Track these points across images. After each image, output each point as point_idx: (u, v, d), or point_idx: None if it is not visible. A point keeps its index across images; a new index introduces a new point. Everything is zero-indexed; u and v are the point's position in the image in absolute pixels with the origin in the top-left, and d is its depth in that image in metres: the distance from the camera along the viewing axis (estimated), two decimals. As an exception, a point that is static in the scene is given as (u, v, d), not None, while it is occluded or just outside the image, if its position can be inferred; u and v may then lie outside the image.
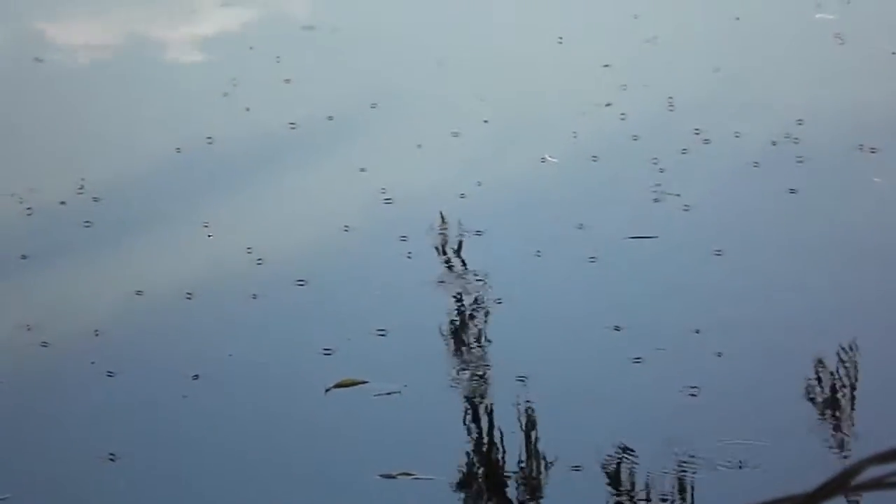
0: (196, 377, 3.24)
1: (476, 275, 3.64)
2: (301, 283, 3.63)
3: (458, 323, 3.39)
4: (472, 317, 3.41)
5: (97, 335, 3.42)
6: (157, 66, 5.18)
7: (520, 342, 3.38)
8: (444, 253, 3.74)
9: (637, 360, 3.23)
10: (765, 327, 3.39)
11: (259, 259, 3.74)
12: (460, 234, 3.79)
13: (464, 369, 3.18)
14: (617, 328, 3.35)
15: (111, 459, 2.95)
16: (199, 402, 3.17)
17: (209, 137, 4.44)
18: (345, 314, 3.49)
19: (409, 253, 3.78)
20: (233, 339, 3.42)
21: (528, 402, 3.01)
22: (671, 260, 3.72)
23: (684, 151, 4.31)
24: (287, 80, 4.76)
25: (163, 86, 4.97)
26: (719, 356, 3.25)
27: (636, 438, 2.93)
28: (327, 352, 3.33)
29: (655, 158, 4.25)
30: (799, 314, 3.45)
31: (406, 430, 3.05)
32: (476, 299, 3.48)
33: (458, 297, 3.47)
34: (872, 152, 4.21)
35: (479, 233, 3.85)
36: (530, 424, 2.95)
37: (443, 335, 3.33)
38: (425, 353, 3.33)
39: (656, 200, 3.95)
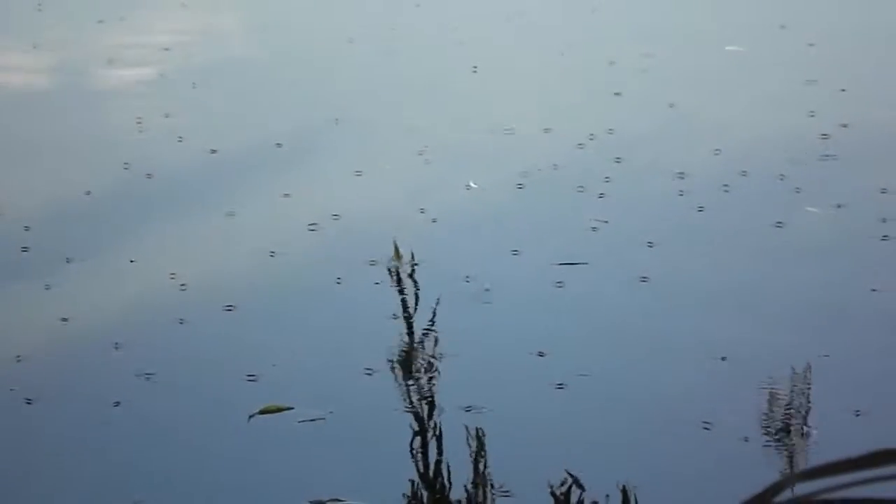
0: (117, 404, 3.12)
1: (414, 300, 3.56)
2: (229, 308, 3.54)
3: (403, 350, 3.29)
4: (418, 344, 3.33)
5: (19, 361, 3.30)
6: (83, 94, 5.08)
7: (457, 371, 3.30)
8: (396, 279, 3.65)
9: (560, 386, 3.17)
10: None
11: (183, 284, 3.65)
12: (407, 262, 3.72)
13: (409, 395, 3.09)
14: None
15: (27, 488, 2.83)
16: (121, 429, 3.06)
17: (126, 164, 4.36)
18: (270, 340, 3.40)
19: (339, 279, 3.71)
20: (156, 364, 3.31)
21: (478, 428, 2.92)
22: (598, 286, 3.68)
23: (607, 179, 4.31)
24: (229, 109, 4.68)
25: (89, 114, 4.87)
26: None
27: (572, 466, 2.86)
28: (251, 378, 3.23)
29: (581, 186, 4.23)
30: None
31: (332, 456, 2.95)
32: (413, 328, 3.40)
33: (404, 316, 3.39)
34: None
35: (416, 264, 3.78)
36: (480, 449, 2.85)
37: (388, 362, 3.23)
38: (350, 380, 3.24)
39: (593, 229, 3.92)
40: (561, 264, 3.75)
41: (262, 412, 3.09)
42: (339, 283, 3.69)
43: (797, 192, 4.25)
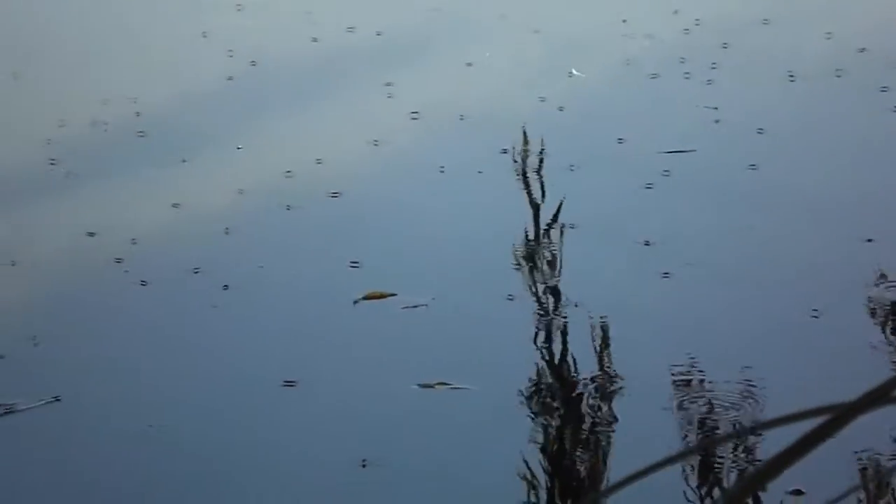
0: (226, 287, 3.15)
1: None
2: (335, 195, 3.54)
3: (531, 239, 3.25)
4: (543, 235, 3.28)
5: (134, 243, 3.35)
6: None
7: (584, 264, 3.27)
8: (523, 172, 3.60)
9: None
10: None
11: (289, 171, 3.65)
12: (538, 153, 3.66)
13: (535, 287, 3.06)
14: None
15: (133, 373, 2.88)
16: (230, 312, 3.09)
17: (230, 51, 4.35)
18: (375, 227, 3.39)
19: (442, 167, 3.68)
20: (264, 249, 3.33)
21: (602, 317, 2.89)
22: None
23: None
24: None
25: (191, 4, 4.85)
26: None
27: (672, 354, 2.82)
28: (354, 264, 3.23)
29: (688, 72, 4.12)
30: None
31: (436, 342, 2.95)
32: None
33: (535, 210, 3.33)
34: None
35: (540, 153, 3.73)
36: (604, 340, 2.83)
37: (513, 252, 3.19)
38: (454, 267, 3.22)
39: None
40: (668, 152, 3.67)
41: (366, 298, 3.10)
42: (442, 171, 3.66)
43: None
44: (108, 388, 2.83)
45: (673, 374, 2.77)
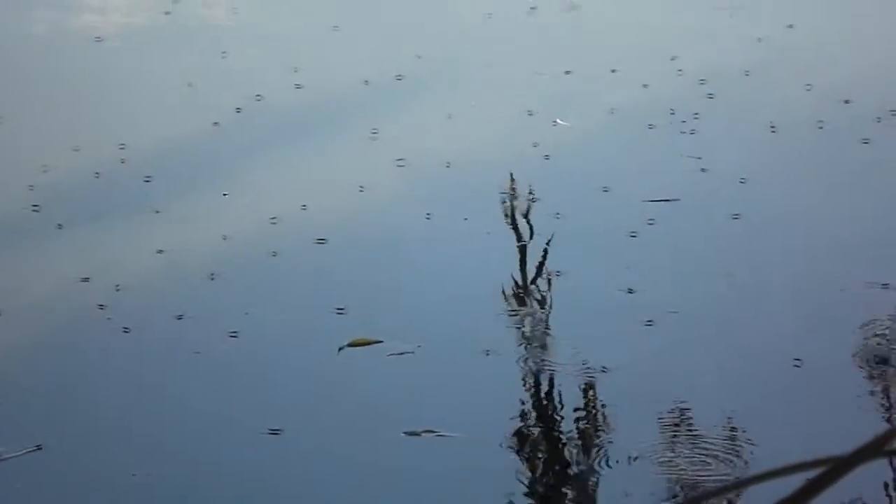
0: (210, 334, 3.14)
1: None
2: (321, 241, 3.53)
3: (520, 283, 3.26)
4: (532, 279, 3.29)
5: (118, 290, 3.33)
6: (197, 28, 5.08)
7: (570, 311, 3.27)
8: (511, 213, 3.61)
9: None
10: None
11: (273, 218, 3.65)
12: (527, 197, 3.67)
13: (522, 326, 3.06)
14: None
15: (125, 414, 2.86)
16: (214, 359, 3.07)
17: (216, 98, 4.36)
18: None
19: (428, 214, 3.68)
20: (249, 297, 3.32)
21: (585, 364, 2.89)
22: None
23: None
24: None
25: (176, 53, 4.87)
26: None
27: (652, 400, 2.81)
28: (340, 311, 3.23)
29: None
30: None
31: (422, 389, 2.94)
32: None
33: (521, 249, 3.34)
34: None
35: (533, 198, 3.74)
36: (589, 387, 2.82)
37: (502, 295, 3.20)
38: (440, 314, 3.22)
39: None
40: (651, 201, 3.68)
41: (352, 345, 3.09)
42: (428, 218, 3.67)
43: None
44: (90, 437, 2.81)
45: (660, 424, 2.76)
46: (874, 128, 4.13)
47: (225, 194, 3.83)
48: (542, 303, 3.23)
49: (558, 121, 4.20)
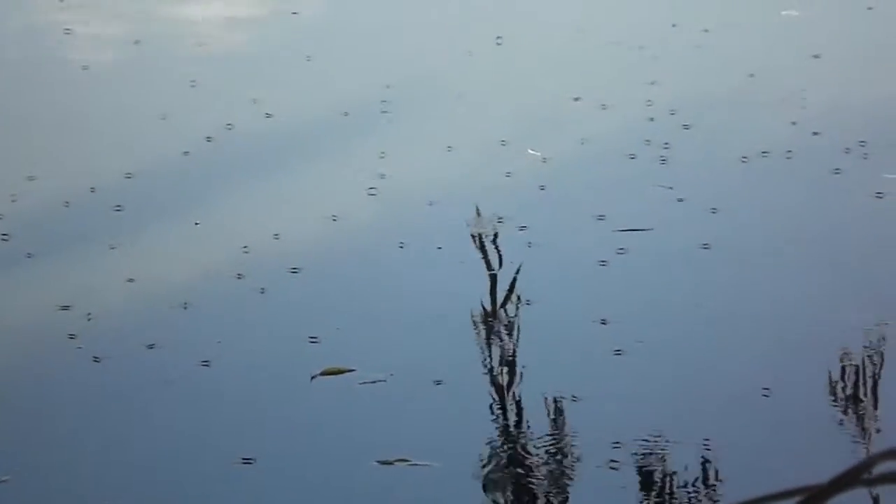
0: (182, 363, 3.13)
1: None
2: (293, 270, 3.53)
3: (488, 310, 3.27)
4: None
5: (89, 319, 3.32)
6: (170, 59, 5.08)
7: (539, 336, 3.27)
8: (479, 241, 3.62)
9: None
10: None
11: (245, 247, 3.64)
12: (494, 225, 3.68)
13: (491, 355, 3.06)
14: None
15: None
16: (185, 388, 3.06)
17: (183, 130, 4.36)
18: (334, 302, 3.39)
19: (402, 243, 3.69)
20: (221, 326, 3.31)
21: (556, 395, 2.89)
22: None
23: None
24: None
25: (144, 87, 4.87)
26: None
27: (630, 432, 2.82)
28: (313, 339, 3.22)
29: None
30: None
31: (395, 418, 2.94)
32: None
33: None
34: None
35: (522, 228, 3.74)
36: (558, 413, 2.83)
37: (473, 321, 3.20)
38: (413, 342, 3.22)
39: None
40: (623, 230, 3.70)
41: (325, 373, 3.09)
42: (402, 247, 3.68)
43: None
44: (59, 468, 2.78)
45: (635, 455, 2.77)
46: (844, 158, 4.17)
47: (196, 223, 3.83)
48: (509, 330, 3.24)
49: (531, 150, 4.22)
